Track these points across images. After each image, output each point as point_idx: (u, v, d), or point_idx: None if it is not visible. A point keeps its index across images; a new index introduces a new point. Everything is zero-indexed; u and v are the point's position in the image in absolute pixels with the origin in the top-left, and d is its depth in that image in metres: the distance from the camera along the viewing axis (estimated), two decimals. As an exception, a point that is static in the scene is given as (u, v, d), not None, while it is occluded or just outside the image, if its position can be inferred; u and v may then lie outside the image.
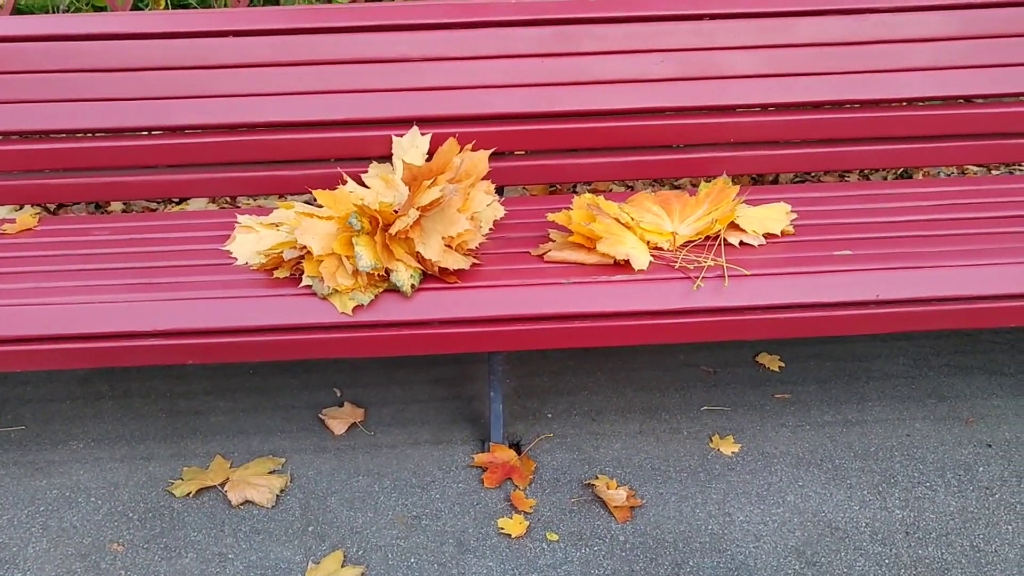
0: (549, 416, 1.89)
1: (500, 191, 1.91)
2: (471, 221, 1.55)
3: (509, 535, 1.59)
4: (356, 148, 1.82)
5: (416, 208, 1.48)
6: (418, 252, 1.48)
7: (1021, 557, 1.53)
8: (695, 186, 2.79)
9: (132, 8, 2.49)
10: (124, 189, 1.83)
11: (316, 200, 1.56)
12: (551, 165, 1.88)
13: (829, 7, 1.83)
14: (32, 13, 2.59)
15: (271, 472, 1.75)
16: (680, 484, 1.70)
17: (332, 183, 1.81)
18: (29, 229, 1.80)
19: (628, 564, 1.52)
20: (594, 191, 2.77)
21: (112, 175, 1.83)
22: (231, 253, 1.63)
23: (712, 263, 1.54)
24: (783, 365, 2.02)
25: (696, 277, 1.51)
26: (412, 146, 1.79)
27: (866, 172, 2.70)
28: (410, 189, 1.56)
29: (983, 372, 1.97)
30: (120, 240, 1.74)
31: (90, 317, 1.49)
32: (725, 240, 1.63)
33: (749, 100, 1.83)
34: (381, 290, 1.49)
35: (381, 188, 1.72)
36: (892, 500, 1.66)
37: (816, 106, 1.86)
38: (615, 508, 1.64)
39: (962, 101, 1.89)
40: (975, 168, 2.64)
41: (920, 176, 2.67)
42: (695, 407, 1.91)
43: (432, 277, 1.52)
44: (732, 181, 1.72)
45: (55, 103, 1.77)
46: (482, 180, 1.74)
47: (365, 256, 1.45)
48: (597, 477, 1.71)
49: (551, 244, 1.63)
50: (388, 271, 1.48)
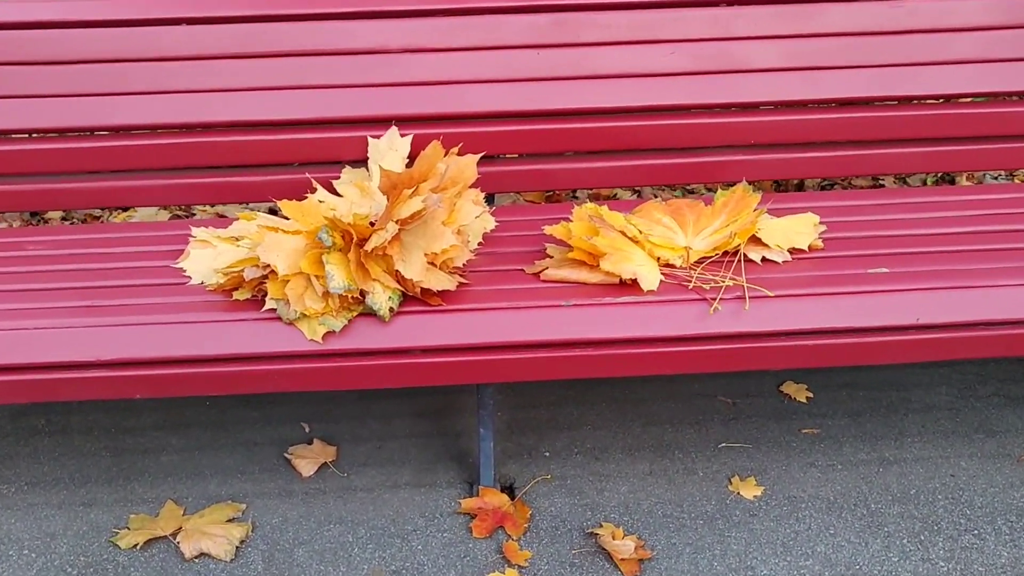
0: (547, 455, 1.89)
1: (490, 200, 1.90)
2: (457, 235, 1.54)
3: (501, 592, 1.59)
4: (327, 151, 1.82)
5: (395, 221, 1.47)
6: (397, 271, 1.48)
7: (1082, 615, 1.53)
8: (711, 190, 2.85)
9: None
10: (63, 197, 1.82)
11: (281, 211, 1.55)
12: (548, 170, 1.88)
13: (860, -7, 1.85)
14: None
15: (230, 520, 1.73)
16: (695, 533, 1.69)
17: (300, 191, 1.80)
18: (-46, 243, 1.79)
19: (637, 625, 1.52)
20: (596, 198, 2.77)
21: (49, 181, 1.81)
22: (184, 271, 1.61)
23: (731, 282, 1.54)
24: (811, 395, 2.02)
25: (713, 299, 1.51)
26: (391, 149, 1.78)
27: (903, 177, 2.71)
28: (388, 199, 1.55)
29: (1036, 403, 1.98)
30: (58, 255, 1.73)
31: (24, 345, 1.47)
32: (745, 256, 1.62)
33: (771, 97, 1.84)
34: (355, 314, 1.48)
35: (355, 197, 1.71)
36: (935, 551, 1.65)
37: (846, 103, 1.86)
38: (622, 561, 1.63)
39: (1011, 98, 1.89)
40: (1024, 171, 2.65)
41: (963, 181, 2.68)
42: (712, 444, 1.90)
43: (413, 299, 1.52)
44: (753, 188, 1.71)
45: (-17, 100, 1.77)
46: (470, 188, 1.73)
47: (337, 276, 1.44)
48: (601, 525, 1.71)
49: (548, 261, 1.62)
50: (363, 293, 1.47)
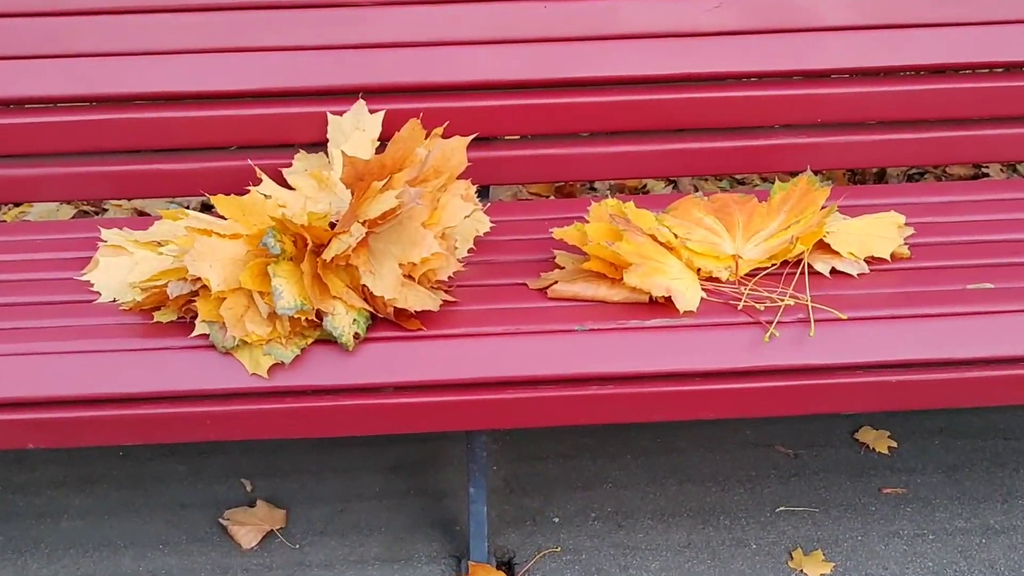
0: (555, 520, 1.88)
1: (484, 194, 1.90)
2: (442, 240, 1.54)
3: None
4: (274, 131, 1.81)
5: (362, 222, 1.46)
6: (364, 286, 1.47)
7: None
8: (767, 181, 2.82)
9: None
10: (-63, 190, 1.83)
11: (216, 208, 1.55)
12: (558, 156, 1.87)
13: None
14: None
15: (148, 605, 1.73)
16: (746, 622, 1.70)
17: (240, 183, 1.79)
18: None
19: None
20: (620, 192, 2.77)
21: (-80, 170, 1.82)
22: (92, 285, 1.61)
23: (792, 301, 1.53)
24: (894, 445, 2.01)
25: (769, 322, 1.50)
26: (356, 129, 1.77)
27: (1012, 165, 2.70)
28: (353, 193, 1.54)
29: None
30: (-73, 264, 1.73)
31: None
32: (810, 267, 1.62)
33: (844, 62, 1.84)
34: (310, 341, 1.48)
35: (311, 191, 1.71)
36: (1055, 646, 1.65)
37: (938, 71, 1.86)
38: (652, 658, 1.62)
39: None
40: None
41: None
42: (767, 507, 1.89)
43: (385, 322, 1.51)
44: (820, 179, 1.71)
45: None
46: (458, 179, 1.71)
47: (286, 292, 1.43)
48: (625, 612, 1.71)
49: (557, 273, 1.61)
50: (320, 314, 1.47)
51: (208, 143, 1.83)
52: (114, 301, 1.58)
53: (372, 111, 1.79)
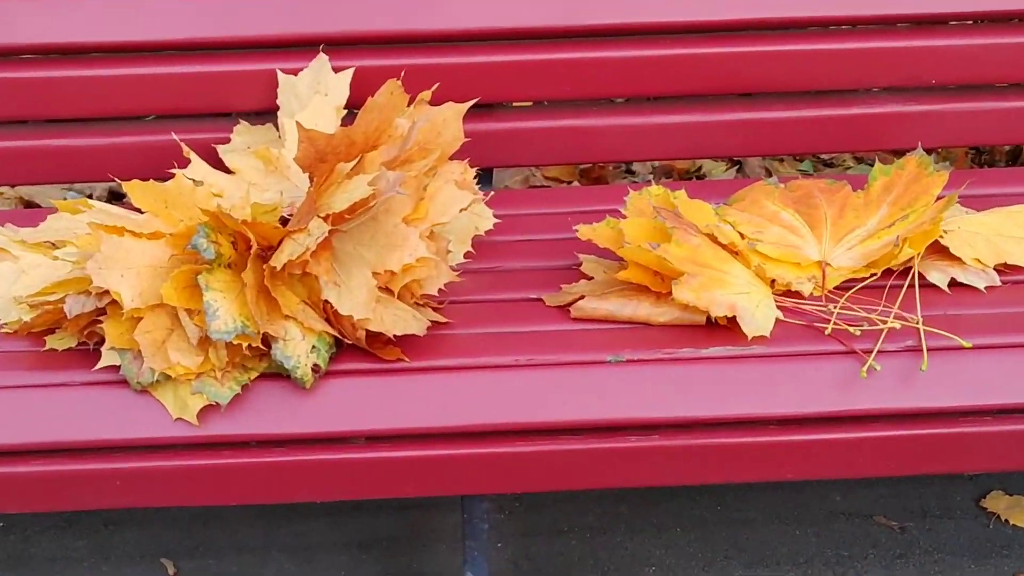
0: (580, 614, 1.89)
1: (486, 179, 1.90)
2: (430, 241, 1.53)
3: None
4: (206, 95, 1.83)
5: (324, 217, 1.46)
6: (327, 303, 1.47)
7: None
8: (862, 161, 2.83)
9: None
10: None
11: (129, 198, 1.53)
12: (582, 128, 1.89)
13: None
14: None
15: None
16: None
17: (161, 164, 1.78)
18: None
19: None
20: (666, 176, 2.76)
21: None
22: (-36, 300, 1.61)
23: (897, 325, 1.53)
24: (1033, 515, 2.03)
25: (866, 352, 1.50)
26: (316, 92, 1.78)
27: None
28: (312, 179, 1.54)
29: None
30: None
31: None
32: (922, 278, 1.62)
33: (966, 5, 1.85)
34: (255, 376, 1.48)
35: (256, 175, 1.71)
36: None
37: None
38: None
39: None
40: None
41: None
42: (865, 597, 1.90)
43: (354, 351, 1.51)
44: (935, 161, 1.70)
45: None
46: (451, 160, 1.72)
47: (224, 311, 1.43)
48: None
49: (583, 285, 1.62)
50: (269, 340, 1.46)
51: (118, 111, 1.83)
52: (-6, 321, 1.58)
53: (337, 69, 1.80)
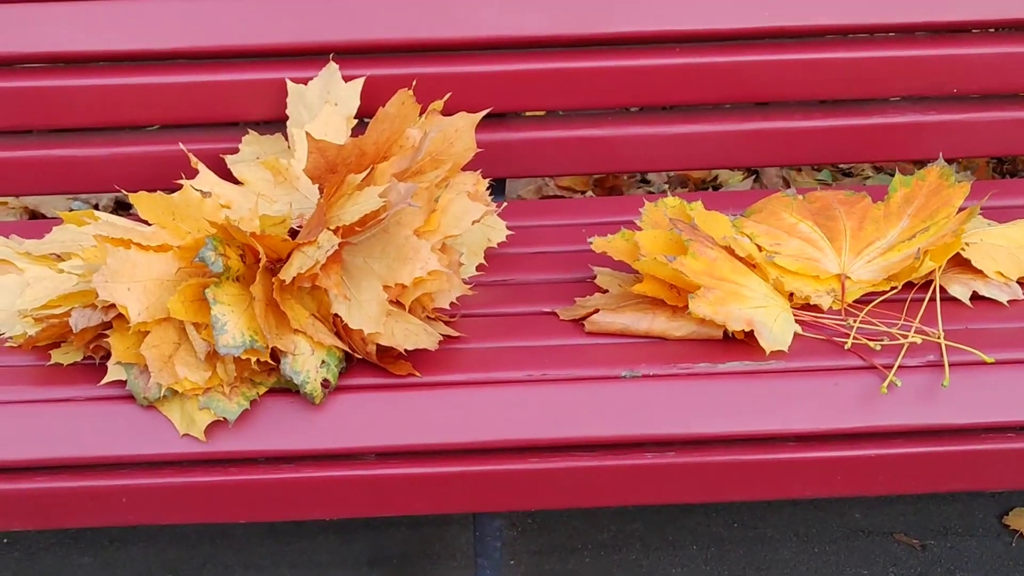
0: (594, 634, 1.89)
1: (499, 189, 1.90)
2: (442, 254, 1.53)
3: None
4: (215, 105, 1.83)
5: (334, 229, 1.46)
6: (337, 317, 1.47)
7: None
8: (882, 172, 2.82)
9: None
10: None
11: (136, 209, 1.53)
12: (597, 139, 1.89)
13: None
14: None
15: None
16: None
17: (168, 175, 1.80)
18: None
19: None
20: (682, 187, 2.76)
21: None
22: (-32, 312, 1.61)
23: (918, 339, 1.52)
24: (1056, 532, 2.02)
25: (887, 367, 1.49)
26: (326, 102, 1.78)
27: None
28: (322, 190, 1.54)
29: None
30: None
31: None
32: (944, 292, 1.61)
33: (988, 12, 1.84)
34: (263, 391, 1.47)
35: (264, 186, 1.71)
36: None
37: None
38: None
39: None
40: None
41: None
42: (884, 617, 1.90)
43: (364, 365, 1.51)
44: (957, 171, 1.70)
45: None
46: (464, 170, 1.72)
47: (232, 325, 1.42)
48: None
49: (598, 298, 1.61)
50: (278, 355, 1.46)
51: (124, 120, 1.83)
52: (-1, 335, 1.58)
53: (347, 78, 1.80)
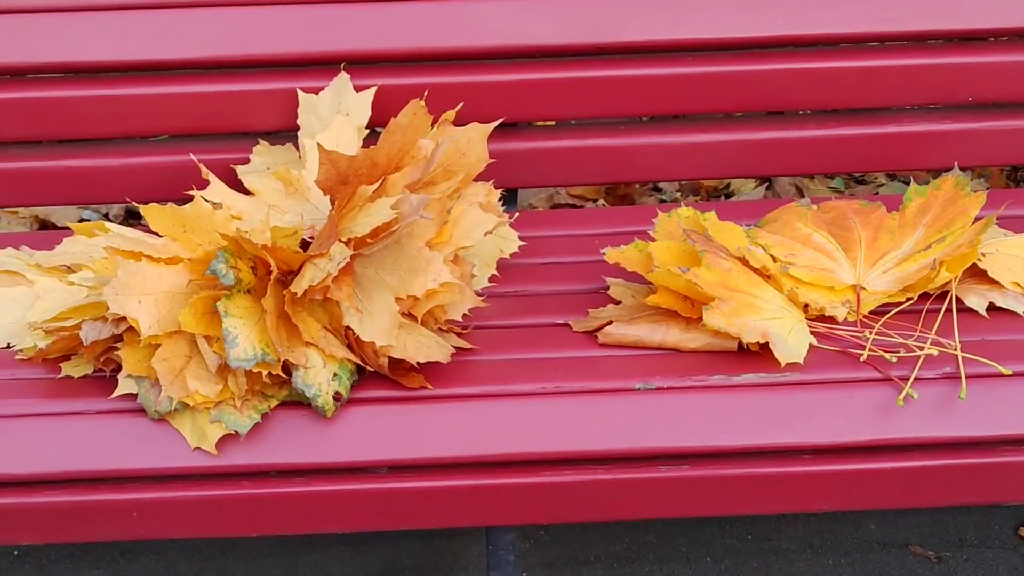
0: (607, 646, 1.88)
1: (511, 199, 1.90)
2: (454, 265, 1.53)
3: None
4: (225, 115, 1.84)
5: (346, 241, 1.46)
6: (349, 329, 1.47)
7: None
8: (895, 177, 2.82)
9: None
10: None
11: (146, 220, 1.54)
12: (609, 148, 1.89)
13: None
14: None
15: None
16: None
17: (179, 186, 1.79)
18: None
19: None
20: (693, 191, 2.76)
21: None
22: (-23, 324, 1.61)
23: (935, 351, 1.52)
24: (1074, 544, 2.02)
25: (903, 379, 1.49)
26: (338, 112, 1.78)
27: None
28: (334, 202, 1.54)
29: None
30: None
31: None
32: (960, 302, 1.61)
33: (1003, 20, 1.84)
34: (275, 404, 1.47)
35: (276, 197, 1.71)
36: None
37: None
38: None
39: None
40: None
41: None
42: (899, 630, 1.90)
43: (376, 378, 1.50)
44: (971, 179, 1.70)
45: None
46: (477, 181, 1.72)
47: (243, 338, 1.42)
48: None
49: (611, 310, 1.61)
50: (289, 367, 1.46)
51: (134, 130, 1.84)
52: (8, 347, 1.58)
53: (359, 88, 1.80)
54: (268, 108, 1.83)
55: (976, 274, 1.63)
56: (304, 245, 1.51)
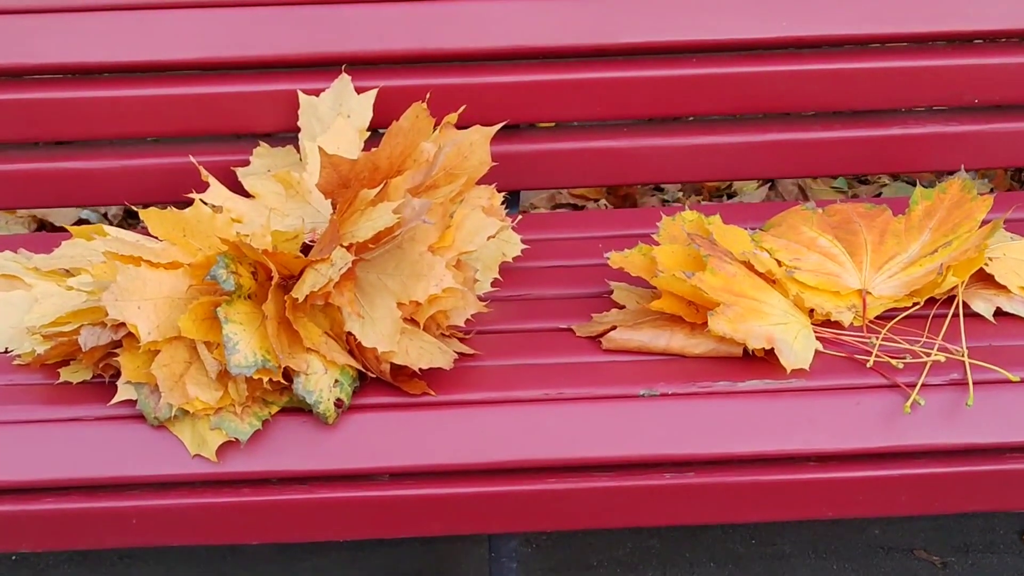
0: (610, 653, 1.88)
1: (514, 202, 1.90)
2: (456, 269, 1.52)
3: None
4: (225, 116, 1.84)
5: (347, 246, 1.45)
6: (350, 335, 1.47)
7: None
8: (899, 178, 2.82)
9: None
10: None
11: (145, 224, 1.53)
12: (612, 149, 1.89)
13: None
14: None
15: None
16: None
17: (178, 188, 1.80)
18: None
19: None
20: (695, 192, 2.75)
21: None
22: (-25, 329, 1.61)
23: (942, 357, 1.51)
24: (1079, 550, 2.01)
25: (909, 385, 1.49)
26: (339, 114, 1.78)
27: None
28: (335, 205, 1.54)
29: None
30: None
31: None
32: (967, 308, 1.61)
33: (1009, 22, 1.84)
34: (276, 411, 1.47)
35: (276, 200, 1.71)
36: None
37: None
38: None
39: None
40: None
41: None
42: (904, 636, 1.90)
43: (378, 384, 1.50)
44: (977, 182, 1.69)
45: None
46: (479, 184, 1.72)
47: (244, 344, 1.42)
48: None
49: (615, 315, 1.61)
50: (290, 374, 1.46)
51: (133, 132, 1.84)
52: (5, 352, 1.58)
53: (360, 89, 1.80)
54: (268, 110, 1.83)
55: (983, 279, 1.63)
56: (305, 249, 1.51)
